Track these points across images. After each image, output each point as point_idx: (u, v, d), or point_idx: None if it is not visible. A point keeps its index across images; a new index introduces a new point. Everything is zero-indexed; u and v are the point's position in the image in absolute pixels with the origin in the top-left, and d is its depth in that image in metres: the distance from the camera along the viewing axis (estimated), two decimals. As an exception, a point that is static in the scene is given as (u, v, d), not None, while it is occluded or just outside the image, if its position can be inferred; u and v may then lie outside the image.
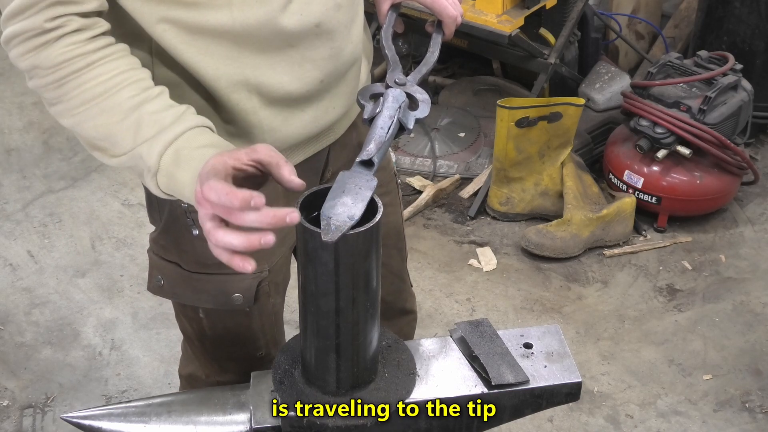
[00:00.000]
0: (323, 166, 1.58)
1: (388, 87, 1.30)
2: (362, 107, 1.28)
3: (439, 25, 1.51)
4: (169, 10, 1.25)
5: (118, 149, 1.23)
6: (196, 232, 1.50)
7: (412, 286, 1.96)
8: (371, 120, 1.25)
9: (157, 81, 1.33)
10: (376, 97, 1.29)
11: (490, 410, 1.27)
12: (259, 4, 1.28)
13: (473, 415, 1.28)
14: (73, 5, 1.18)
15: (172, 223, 1.52)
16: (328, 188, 1.14)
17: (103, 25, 1.22)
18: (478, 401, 1.26)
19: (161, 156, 1.19)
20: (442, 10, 1.49)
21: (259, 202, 1.03)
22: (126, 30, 1.27)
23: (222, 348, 1.66)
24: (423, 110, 1.28)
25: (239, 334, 1.62)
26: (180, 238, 1.52)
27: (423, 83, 1.36)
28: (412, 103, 1.29)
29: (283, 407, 1.23)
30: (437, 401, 1.25)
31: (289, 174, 1.10)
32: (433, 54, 1.42)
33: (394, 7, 1.52)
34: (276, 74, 1.36)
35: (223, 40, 1.30)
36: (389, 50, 1.41)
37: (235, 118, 1.37)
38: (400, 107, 1.25)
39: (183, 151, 1.18)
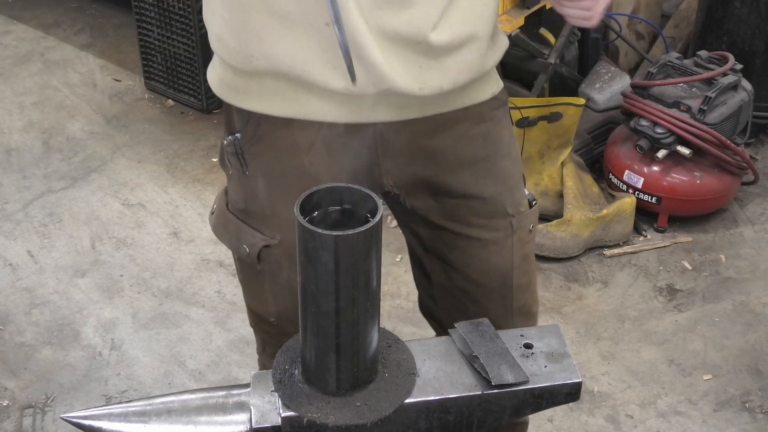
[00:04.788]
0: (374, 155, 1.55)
1: None
2: None
3: None
4: None
5: None
6: (230, 172, 1.56)
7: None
8: None
9: None
10: None
11: (490, 410, 1.27)
12: None
13: (473, 414, 1.28)
14: None
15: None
16: (329, 188, 1.14)
17: None
18: (478, 401, 1.26)
19: None
20: None
21: None
22: None
23: (246, 296, 1.71)
24: None
25: (254, 291, 1.65)
26: (227, 173, 1.60)
27: None
28: None
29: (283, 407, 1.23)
30: (437, 401, 1.25)
31: None
32: None
33: None
34: None
35: None
36: None
37: None
38: None
39: None
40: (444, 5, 1.40)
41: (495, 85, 1.60)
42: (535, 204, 1.68)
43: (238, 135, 1.53)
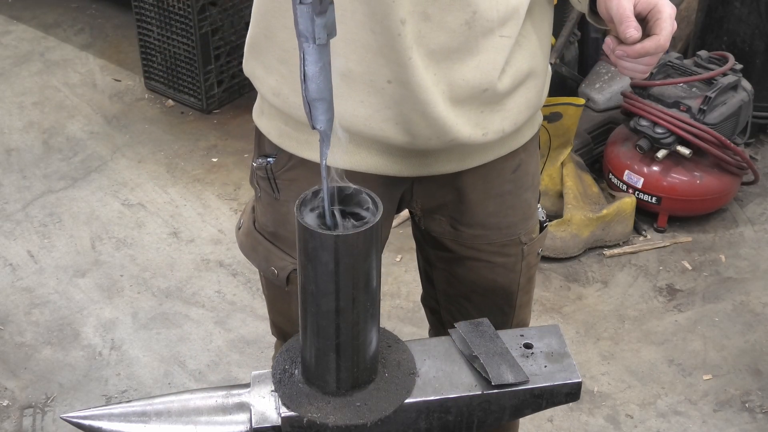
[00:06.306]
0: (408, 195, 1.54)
1: None
2: None
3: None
4: None
5: None
6: (259, 194, 1.56)
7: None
8: None
9: None
10: None
11: (490, 410, 1.27)
12: None
13: (473, 414, 1.28)
14: None
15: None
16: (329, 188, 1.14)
17: None
18: (478, 401, 1.26)
19: None
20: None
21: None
22: None
23: (270, 311, 1.74)
24: None
25: (281, 309, 1.67)
26: (256, 194, 1.60)
27: None
28: None
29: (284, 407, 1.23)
30: (437, 401, 1.25)
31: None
32: None
33: None
34: None
35: None
36: None
37: None
38: None
39: None
40: (509, 49, 1.39)
41: (540, 115, 1.59)
42: (546, 226, 1.68)
43: (270, 159, 1.53)
